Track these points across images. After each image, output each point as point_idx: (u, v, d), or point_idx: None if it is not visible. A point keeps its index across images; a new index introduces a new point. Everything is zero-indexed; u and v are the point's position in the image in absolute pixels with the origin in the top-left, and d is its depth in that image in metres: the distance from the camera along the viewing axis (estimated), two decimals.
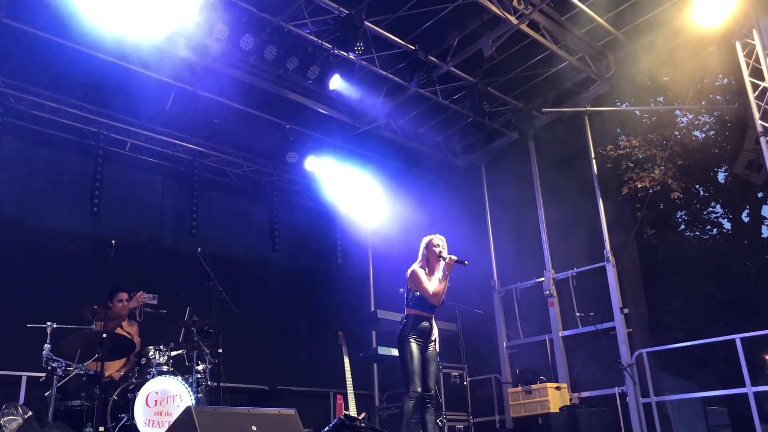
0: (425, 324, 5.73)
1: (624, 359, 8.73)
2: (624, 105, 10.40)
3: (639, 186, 9.35)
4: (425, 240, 5.97)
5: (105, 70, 8.50)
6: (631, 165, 9.51)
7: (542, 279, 10.00)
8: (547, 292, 9.85)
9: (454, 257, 5.74)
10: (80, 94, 9.29)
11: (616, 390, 8.72)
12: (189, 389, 6.23)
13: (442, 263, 5.76)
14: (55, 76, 8.85)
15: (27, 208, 9.10)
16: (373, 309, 11.74)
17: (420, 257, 5.93)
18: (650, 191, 9.40)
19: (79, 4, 6.98)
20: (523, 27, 8.23)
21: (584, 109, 9.67)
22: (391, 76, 8.96)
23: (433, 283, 5.73)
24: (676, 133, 10.36)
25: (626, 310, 9.04)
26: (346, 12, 7.73)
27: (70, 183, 9.55)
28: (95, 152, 9.61)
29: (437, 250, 5.84)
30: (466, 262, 5.79)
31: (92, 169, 9.58)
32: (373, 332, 11.30)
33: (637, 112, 11.00)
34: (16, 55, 8.31)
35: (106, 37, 7.44)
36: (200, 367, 6.68)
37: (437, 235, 5.98)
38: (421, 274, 5.77)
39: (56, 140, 9.48)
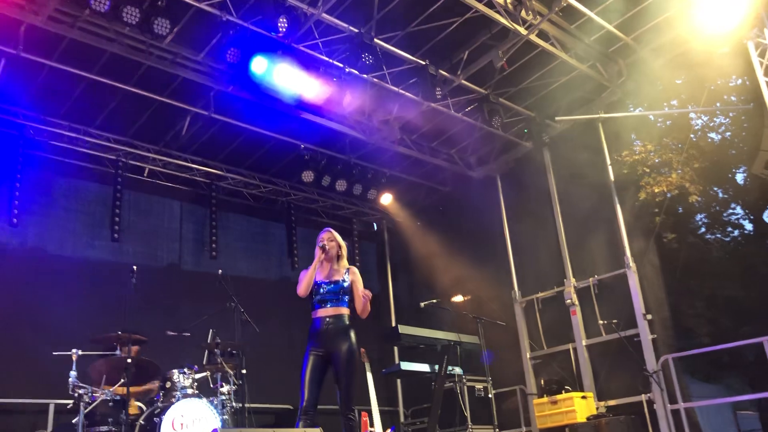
0: None
1: (650, 366, 8.62)
2: (637, 110, 10.34)
3: (656, 191, 9.28)
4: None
5: (121, 97, 8.66)
6: (648, 170, 9.44)
7: (563, 288, 9.94)
8: (569, 300, 9.78)
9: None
10: (97, 122, 9.44)
11: (643, 397, 8.62)
12: (214, 411, 6.25)
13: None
14: (72, 106, 9.01)
15: (49, 237, 9.25)
16: (394, 324, 11.74)
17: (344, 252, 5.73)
18: (668, 195, 9.31)
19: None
20: (533, 37, 8.26)
21: (598, 115, 9.64)
22: (403, 92, 9.01)
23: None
24: (692, 135, 10.28)
25: (649, 316, 8.96)
26: (356, 31, 7.81)
27: (90, 211, 9.71)
28: (114, 179, 9.76)
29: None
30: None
31: (111, 196, 9.73)
32: (395, 348, 11.27)
33: (651, 116, 10.92)
34: (34, 87, 8.47)
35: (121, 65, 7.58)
36: (225, 389, 6.71)
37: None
38: None
39: (76, 169, 9.68)
